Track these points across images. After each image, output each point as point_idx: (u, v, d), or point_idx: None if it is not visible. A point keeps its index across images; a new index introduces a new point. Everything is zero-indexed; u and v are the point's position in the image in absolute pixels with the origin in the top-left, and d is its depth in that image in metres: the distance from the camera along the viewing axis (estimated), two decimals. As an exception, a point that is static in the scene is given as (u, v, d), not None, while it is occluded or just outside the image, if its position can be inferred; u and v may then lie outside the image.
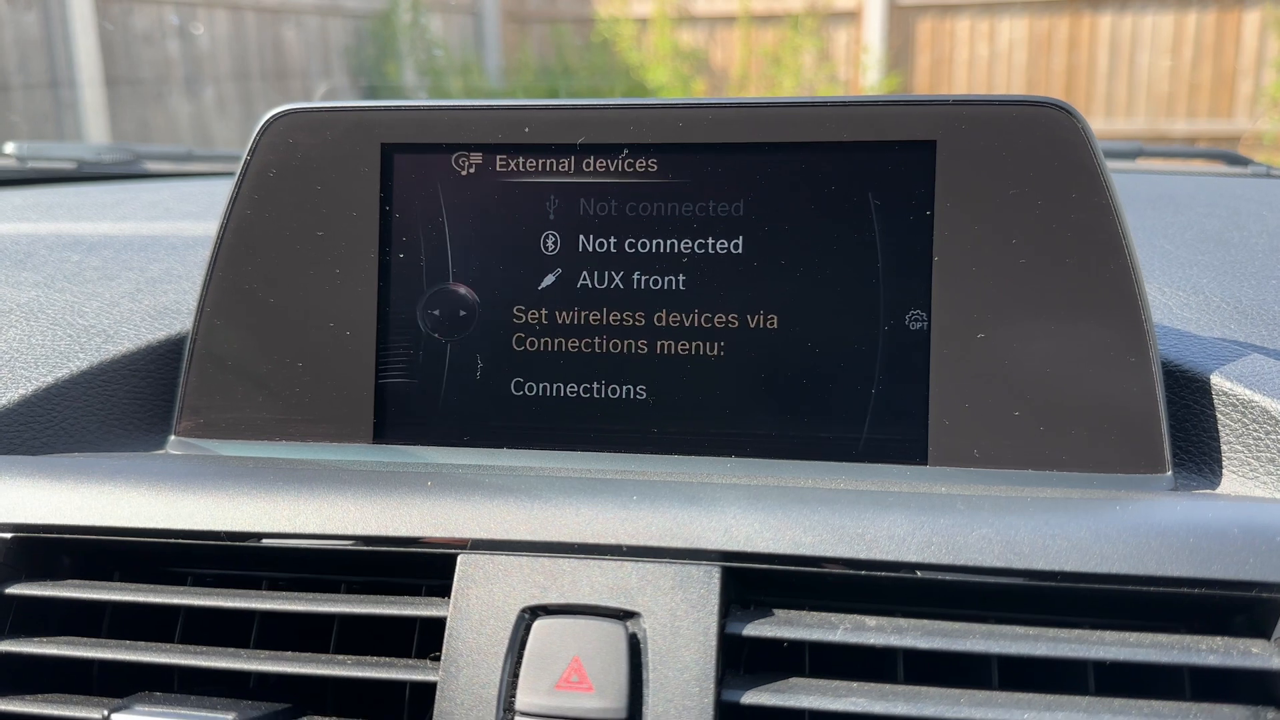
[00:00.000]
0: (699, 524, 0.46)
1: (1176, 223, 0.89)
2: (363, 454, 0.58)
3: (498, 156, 0.58)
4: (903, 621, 0.45)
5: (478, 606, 0.46)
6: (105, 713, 0.47)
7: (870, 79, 6.30)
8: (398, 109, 0.59)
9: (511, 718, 0.44)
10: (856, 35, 6.49)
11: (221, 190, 0.63)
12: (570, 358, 0.57)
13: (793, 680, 0.44)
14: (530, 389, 0.57)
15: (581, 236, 0.57)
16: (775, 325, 0.55)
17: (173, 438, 0.60)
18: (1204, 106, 5.96)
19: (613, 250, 0.57)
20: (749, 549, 0.45)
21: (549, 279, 0.57)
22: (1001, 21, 6.19)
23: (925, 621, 0.45)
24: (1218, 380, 0.55)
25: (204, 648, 0.49)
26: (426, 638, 0.49)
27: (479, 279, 0.58)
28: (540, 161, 0.58)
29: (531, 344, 0.57)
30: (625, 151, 0.57)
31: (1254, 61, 5.84)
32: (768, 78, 6.55)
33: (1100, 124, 5.87)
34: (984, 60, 6.25)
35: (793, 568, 0.45)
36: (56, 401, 0.61)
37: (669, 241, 0.56)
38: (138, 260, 0.82)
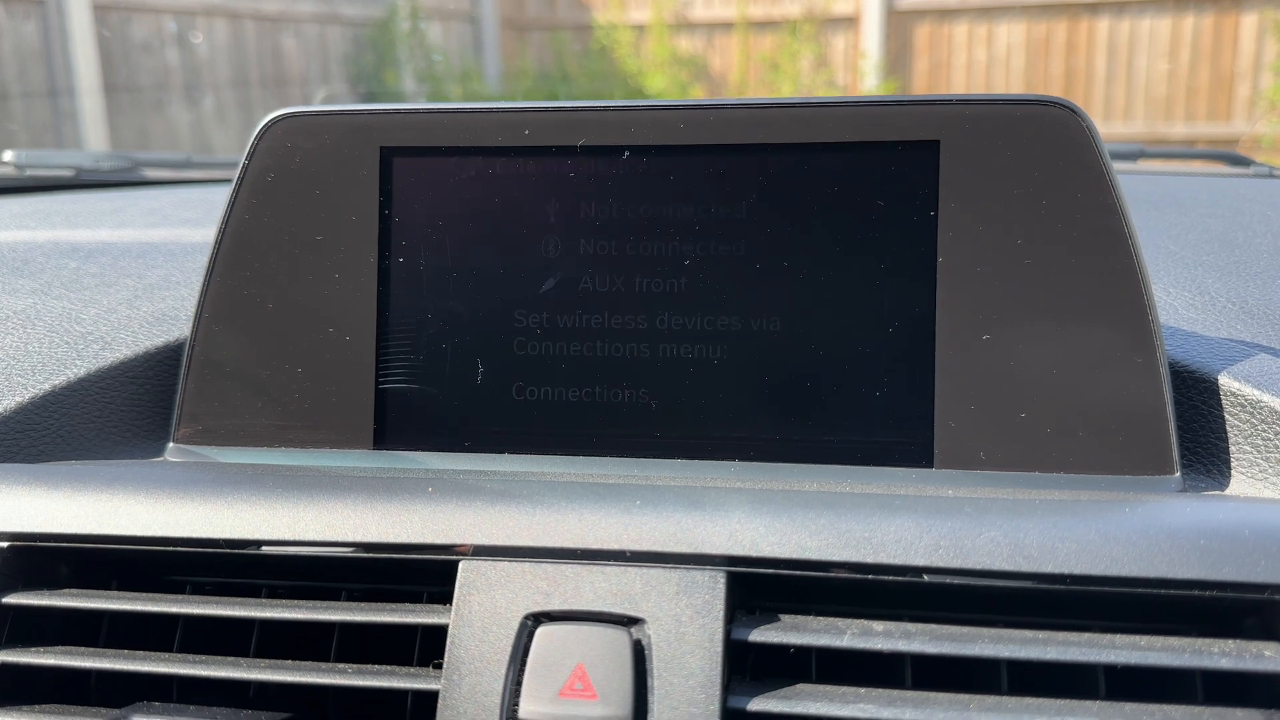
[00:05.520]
0: (703, 529, 0.45)
1: (1180, 223, 0.89)
2: (363, 460, 0.57)
3: (498, 160, 0.57)
4: (910, 626, 0.44)
5: (480, 614, 0.45)
6: (103, 723, 0.46)
7: (868, 84, 6.31)
8: (397, 112, 0.58)
9: None
10: (854, 40, 6.50)
11: (220, 197, 0.63)
12: (572, 361, 0.56)
13: (799, 686, 0.44)
14: (532, 393, 0.57)
15: (582, 240, 0.57)
16: (778, 328, 0.55)
17: (171, 445, 0.60)
18: (1202, 109, 5.97)
19: (614, 253, 0.56)
20: (754, 554, 0.45)
21: (550, 282, 0.57)
22: (999, 26, 6.20)
23: (933, 626, 0.44)
24: (1225, 380, 0.54)
25: (203, 657, 0.48)
26: (428, 645, 0.49)
27: (479, 283, 0.57)
28: (540, 164, 0.57)
29: (533, 348, 0.57)
30: (626, 154, 0.56)
31: (1252, 64, 5.85)
32: (766, 83, 6.56)
33: (1099, 127, 5.86)
34: (982, 65, 6.26)
35: (799, 572, 0.45)
36: (54, 409, 0.60)
37: (670, 244, 0.56)
38: (136, 267, 0.82)
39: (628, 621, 0.44)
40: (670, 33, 6.77)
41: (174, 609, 0.49)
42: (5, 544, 0.50)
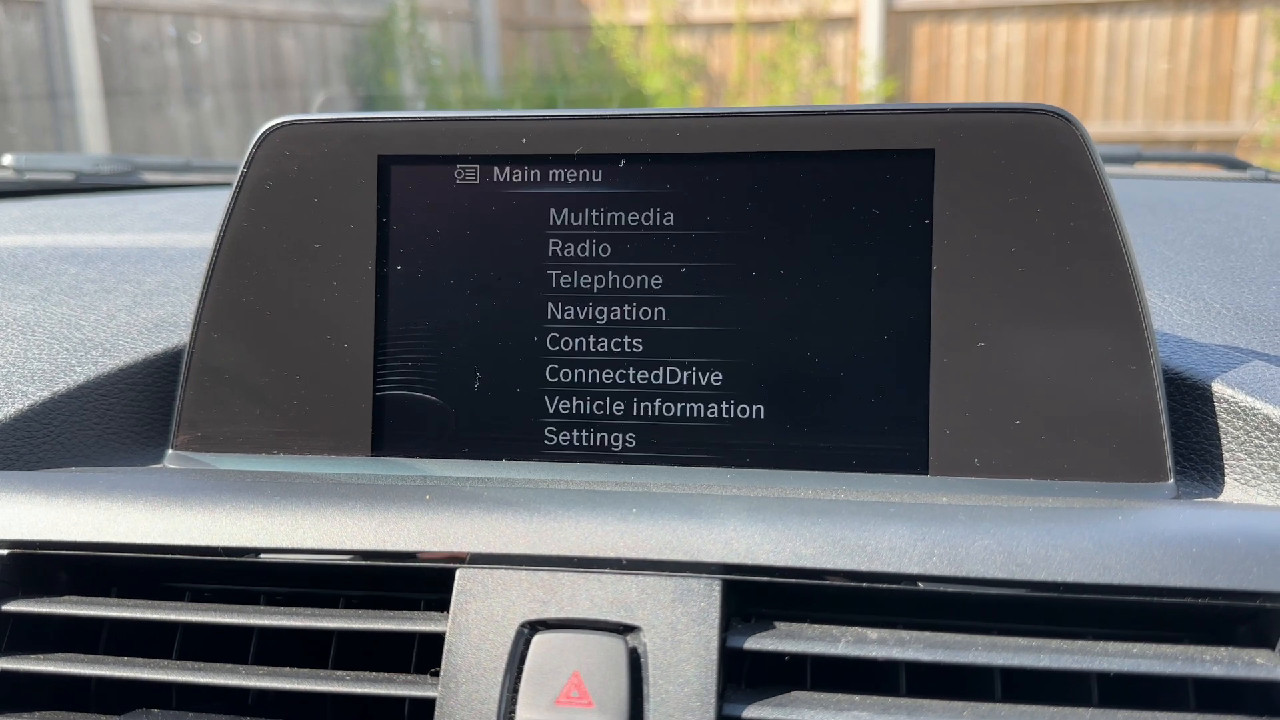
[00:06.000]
0: (699, 537, 0.46)
1: (1176, 228, 0.89)
2: (361, 467, 0.58)
3: (495, 168, 0.58)
4: (905, 633, 0.44)
5: (477, 621, 0.45)
6: (102, 731, 0.46)
7: (868, 84, 6.31)
8: (395, 120, 0.59)
9: None
10: (854, 40, 6.50)
11: (219, 201, 0.63)
12: (570, 368, 0.57)
13: (795, 694, 0.44)
14: (529, 401, 0.57)
15: (579, 247, 0.57)
16: (774, 335, 0.55)
17: (170, 451, 0.60)
18: (1201, 109, 5.97)
19: (611, 260, 0.57)
20: (750, 561, 0.45)
21: (547, 289, 0.57)
22: (999, 25, 6.20)
23: (927, 633, 0.44)
24: (1219, 387, 0.55)
25: (202, 664, 0.48)
26: (425, 653, 0.49)
27: (477, 290, 0.58)
28: (538, 172, 0.57)
29: (531, 355, 0.57)
30: (623, 162, 0.57)
31: (1251, 64, 5.85)
32: (765, 84, 6.56)
33: (1098, 127, 5.88)
34: (981, 64, 6.26)
35: (794, 580, 0.45)
36: (53, 416, 0.60)
37: (666, 252, 0.56)
38: (135, 273, 0.82)
39: (624, 629, 0.44)
40: (669, 33, 6.77)
41: (173, 616, 0.49)
42: (5, 551, 0.51)
